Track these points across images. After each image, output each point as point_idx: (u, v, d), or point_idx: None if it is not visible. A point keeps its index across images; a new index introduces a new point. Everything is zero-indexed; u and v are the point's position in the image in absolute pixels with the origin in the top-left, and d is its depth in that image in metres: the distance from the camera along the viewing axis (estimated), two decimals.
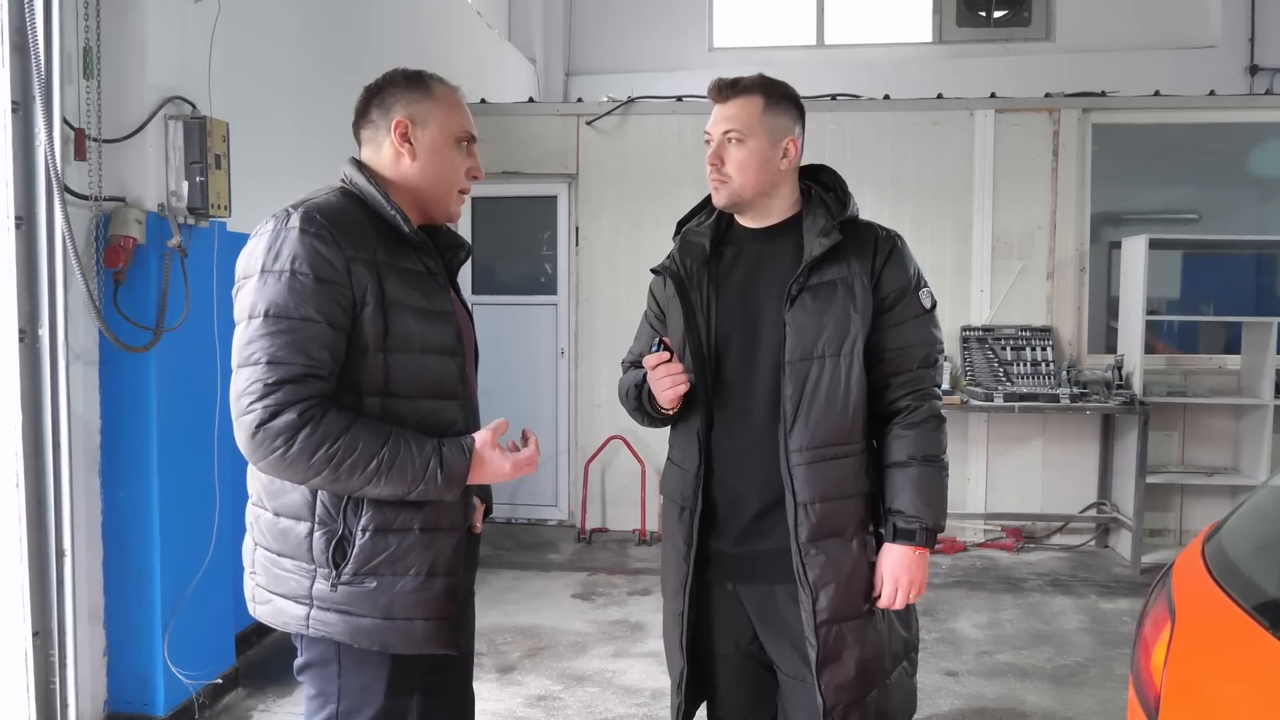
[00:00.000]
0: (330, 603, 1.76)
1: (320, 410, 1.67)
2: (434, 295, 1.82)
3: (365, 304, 1.72)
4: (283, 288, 1.67)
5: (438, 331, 1.81)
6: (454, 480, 1.75)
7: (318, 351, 1.68)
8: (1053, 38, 8.66)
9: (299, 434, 1.65)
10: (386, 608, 1.76)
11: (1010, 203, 5.95)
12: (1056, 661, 4.15)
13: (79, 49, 3.15)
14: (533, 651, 4.23)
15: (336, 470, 1.67)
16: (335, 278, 1.69)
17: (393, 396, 1.76)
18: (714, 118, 2.07)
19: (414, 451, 1.71)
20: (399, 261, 1.79)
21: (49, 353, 3.04)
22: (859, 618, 2.00)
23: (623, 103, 6.16)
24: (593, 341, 6.22)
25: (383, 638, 1.77)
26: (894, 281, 2.04)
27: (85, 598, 3.21)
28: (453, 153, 1.89)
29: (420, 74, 1.91)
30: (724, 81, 2.06)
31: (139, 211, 3.29)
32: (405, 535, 1.76)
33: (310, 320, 1.67)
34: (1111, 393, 5.58)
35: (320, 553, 1.75)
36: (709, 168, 2.06)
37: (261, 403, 1.65)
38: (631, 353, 2.33)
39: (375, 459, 1.68)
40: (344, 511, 1.74)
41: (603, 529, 6.22)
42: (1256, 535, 1.98)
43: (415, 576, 1.76)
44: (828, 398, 1.97)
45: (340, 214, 1.76)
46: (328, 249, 1.69)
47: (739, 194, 2.05)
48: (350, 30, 5.11)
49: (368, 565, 1.75)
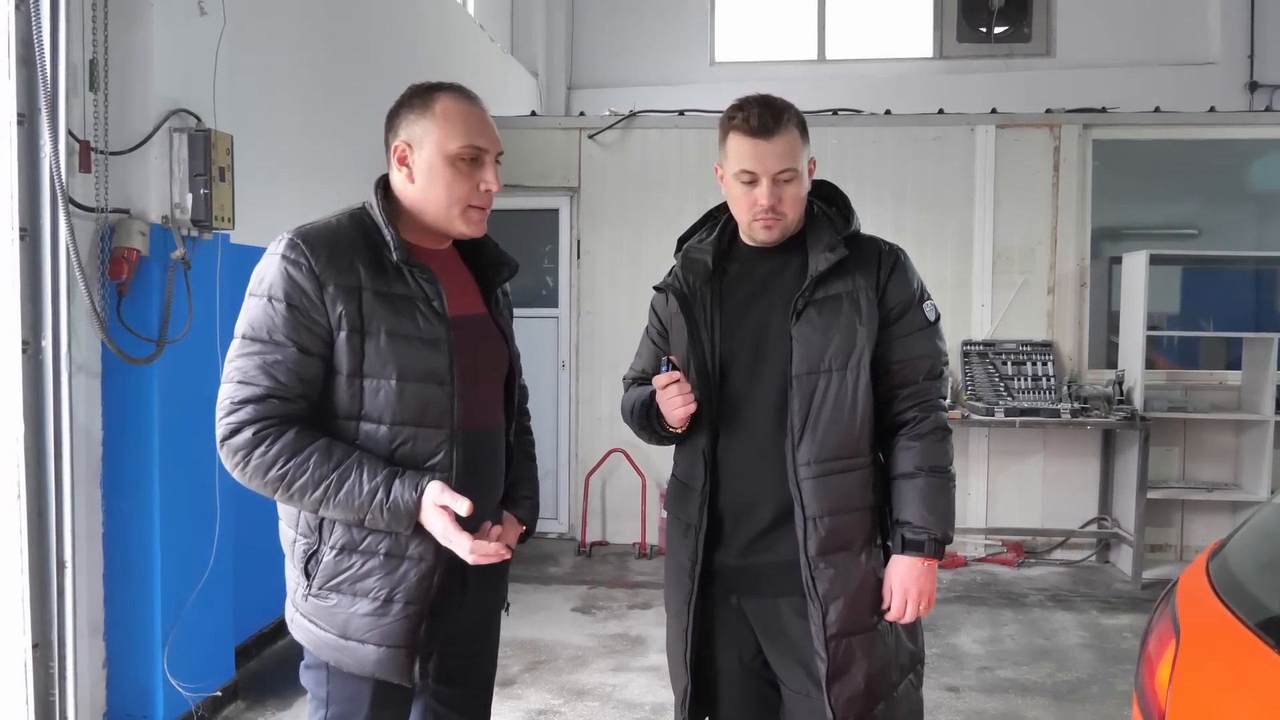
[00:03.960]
0: (304, 611, 1.82)
1: (277, 430, 1.70)
2: (425, 322, 1.78)
3: (340, 329, 1.73)
4: (259, 312, 1.74)
5: (423, 358, 1.76)
6: (400, 516, 1.70)
7: (284, 375, 1.72)
8: (1053, 53, 8.68)
9: (254, 452, 1.70)
10: (343, 626, 1.78)
11: (1011, 218, 5.96)
12: (1058, 677, 4.14)
13: (85, 61, 3.16)
14: (533, 665, 4.22)
15: (289, 490, 1.70)
16: (306, 305, 1.72)
17: (367, 421, 1.76)
18: (758, 154, 1.97)
19: (363, 480, 1.70)
20: (390, 287, 1.77)
21: (52, 364, 3.04)
22: (868, 631, 2.00)
23: (625, 116, 6.19)
24: (594, 354, 6.23)
25: (337, 655, 1.80)
26: (898, 295, 2.04)
27: (85, 609, 3.20)
28: (449, 172, 1.82)
29: (428, 89, 1.86)
30: (766, 116, 1.97)
31: (143, 223, 3.30)
32: (369, 558, 1.76)
33: (280, 345, 1.72)
34: (1112, 408, 5.58)
35: (298, 561, 1.81)
36: (763, 208, 1.99)
37: (226, 419, 1.73)
38: (633, 369, 2.33)
39: (324, 483, 1.69)
40: (320, 526, 1.78)
41: (603, 542, 6.21)
42: (1261, 553, 1.98)
43: (373, 601, 1.76)
44: (834, 411, 1.97)
45: (329, 238, 1.77)
46: (302, 276, 1.72)
47: (789, 229, 2.05)
48: (354, 44, 5.13)
49: (330, 582, 1.78)
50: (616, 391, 2.35)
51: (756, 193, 1.99)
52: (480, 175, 1.85)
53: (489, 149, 1.86)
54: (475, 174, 1.85)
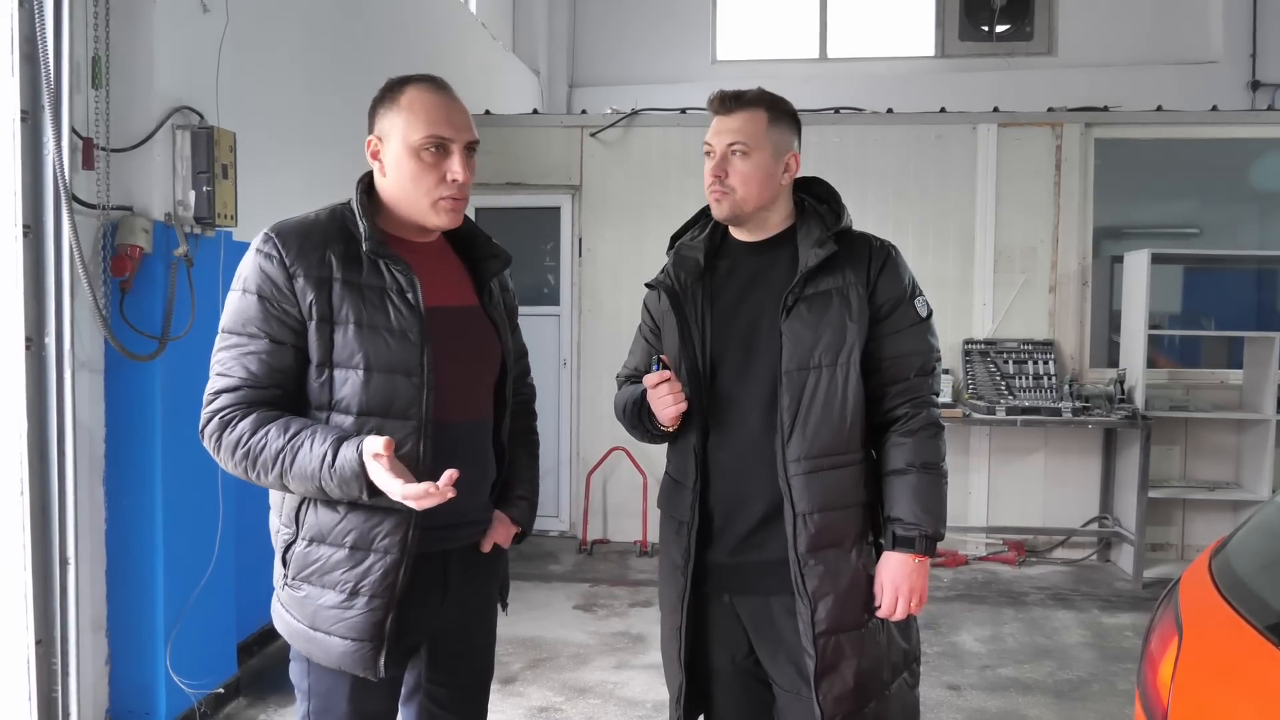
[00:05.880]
0: (282, 600, 1.86)
1: (243, 412, 1.74)
2: (396, 313, 1.77)
3: (310, 319, 1.75)
4: (235, 305, 1.79)
5: (391, 349, 1.76)
6: (349, 479, 1.65)
7: (256, 366, 1.75)
8: (1055, 52, 8.69)
9: (222, 435, 1.74)
10: (311, 618, 1.80)
11: (1013, 217, 5.96)
12: (1059, 676, 4.14)
13: (88, 59, 3.16)
14: (534, 663, 4.22)
15: (256, 467, 1.72)
16: (276, 295, 1.75)
17: (336, 411, 1.76)
18: (716, 129, 2.06)
19: (314, 447, 1.68)
20: (363, 278, 1.78)
21: (55, 361, 3.05)
22: (857, 628, 1.99)
23: (626, 115, 6.19)
24: (595, 353, 6.23)
25: (307, 646, 1.83)
26: (889, 290, 2.04)
27: (88, 606, 3.21)
28: (413, 164, 1.80)
29: (399, 82, 1.84)
30: (727, 94, 2.05)
31: (146, 221, 3.30)
32: (336, 550, 1.77)
33: (253, 336, 1.75)
34: (1113, 407, 5.59)
35: (279, 551, 1.84)
36: (711, 179, 2.04)
37: (205, 410, 1.77)
38: (626, 367, 2.33)
39: (280, 455, 1.70)
40: (296, 517, 1.80)
41: (604, 540, 6.22)
42: (1263, 551, 1.98)
43: (339, 593, 1.77)
44: (824, 407, 1.97)
45: (302, 232, 1.79)
46: (272, 267, 1.75)
47: (740, 207, 2.05)
48: (356, 41, 5.14)
49: (301, 573, 1.80)
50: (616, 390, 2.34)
51: (710, 165, 2.04)
52: (446, 165, 1.81)
53: (453, 138, 1.81)
54: (442, 164, 1.81)
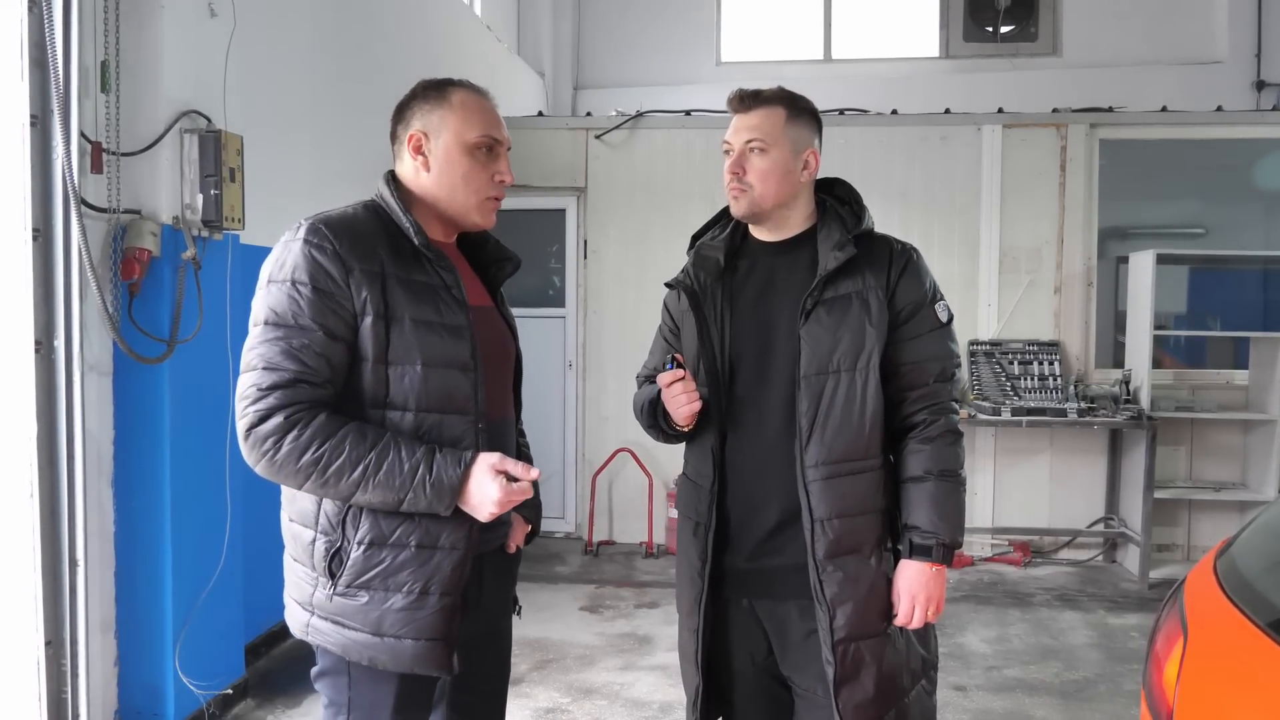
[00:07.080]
0: (326, 612, 1.78)
1: (309, 414, 1.67)
2: (446, 309, 1.79)
3: (365, 315, 1.72)
4: (283, 297, 1.71)
5: (446, 345, 1.77)
6: (444, 491, 1.69)
7: (312, 359, 1.69)
8: (1060, 53, 8.67)
9: (285, 436, 1.66)
10: (377, 623, 1.74)
11: (1018, 217, 5.96)
12: (1065, 677, 4.14)
13: (96, 63, 3.18)
14: (541, 664, 4.23)
15: (324, 474, 1.66)
16: (332, 288, 1.70)
17: (392, 409, 1.75)
18: (735, 127, 2.04)
19: (403, 457, 1.68)
20: (411, 274, 1.78)
21: (64, 364, 3.07)
22: (877, 635, 1.97)
23: (631, 116, 6.20)
24: (600, 354, 6.25)
25: (371, 653, 1.76)
26: (909, 295, 2.02)
27: (97, 608, 3.23)
28: (467, 160, 1.85)
29: (442, 82, 1.89)
30: (746, 92, 2.04)
31: (154, 224, 3.31)
32: (400, 551, 1.73)
33: (306, 329, 1.69)
34: (1119, 407, 5.58)
35: (320, 561, 1.76)
36: (729, 176, 2.03)
37: (253, 407, 1.68)
38: (646, 367, 2.32)
39: (362, 463, 1.66)
40: (344, 522, 1.74)
41: (609, 541, 6.23)
42: (1269, 552, 1.98)
43: (407, 594, 1.73)
44: (843, 412, 1.95)
45: (350, 226, 1.77)
46: (327, 260, 1.71)
47: (759, 204, 2.03)
48: (362, 44, 5.15)
49: (360, 579, 1.74)
50: (623, 391, 2.36)
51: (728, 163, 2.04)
52: (495, 166, 1.89)
53: (503, 141, 1.90)
54: (491, 165, 1.89)
